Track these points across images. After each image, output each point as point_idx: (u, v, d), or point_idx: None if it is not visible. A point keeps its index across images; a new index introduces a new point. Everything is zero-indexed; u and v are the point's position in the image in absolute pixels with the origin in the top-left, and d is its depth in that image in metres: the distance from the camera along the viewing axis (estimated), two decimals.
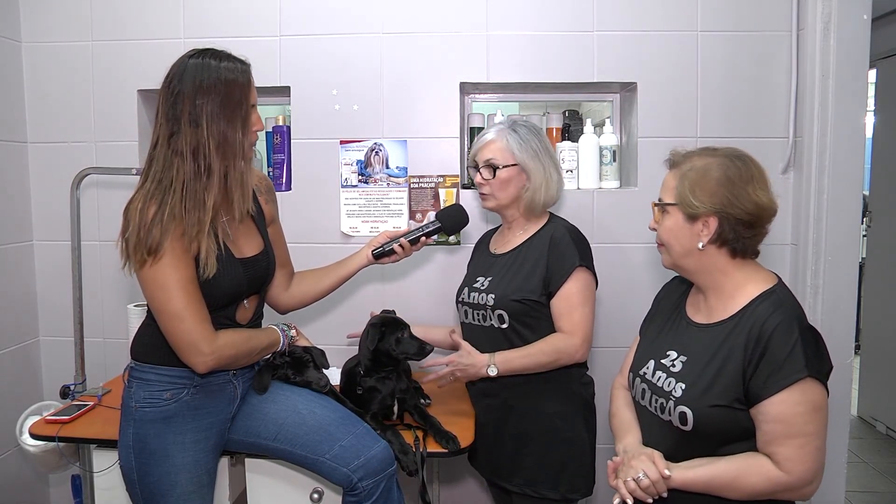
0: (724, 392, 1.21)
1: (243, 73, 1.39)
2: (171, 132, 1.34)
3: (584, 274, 1.66)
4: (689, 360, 1.29)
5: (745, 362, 1.20)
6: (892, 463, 3.27)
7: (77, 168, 2.07)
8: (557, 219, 1.76)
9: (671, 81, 2.16)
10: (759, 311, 1.22)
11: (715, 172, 1.24)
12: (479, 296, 1.72)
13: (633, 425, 1.40)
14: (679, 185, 1.28)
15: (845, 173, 2.03)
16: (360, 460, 1.48)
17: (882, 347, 3.67)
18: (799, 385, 1.15)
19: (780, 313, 1.19)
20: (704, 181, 1.25)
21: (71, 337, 2.10)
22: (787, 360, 1.15)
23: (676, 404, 1.25)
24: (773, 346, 1.17)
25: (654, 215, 1.35)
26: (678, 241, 1.29)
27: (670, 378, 1.29)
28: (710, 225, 1.25)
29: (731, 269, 1.28)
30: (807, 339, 1.17)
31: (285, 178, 2.28)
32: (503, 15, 2.18)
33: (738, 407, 1.20)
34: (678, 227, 1.29)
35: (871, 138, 3.67)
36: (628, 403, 1.45)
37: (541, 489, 1.67)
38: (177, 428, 1.43)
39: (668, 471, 1.20)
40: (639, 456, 1.24)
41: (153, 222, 1.31)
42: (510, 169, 1.69)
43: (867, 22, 2.01)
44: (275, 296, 1.70)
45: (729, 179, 1.24)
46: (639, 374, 1.39)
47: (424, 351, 1.70)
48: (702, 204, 1.24)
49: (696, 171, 1.26)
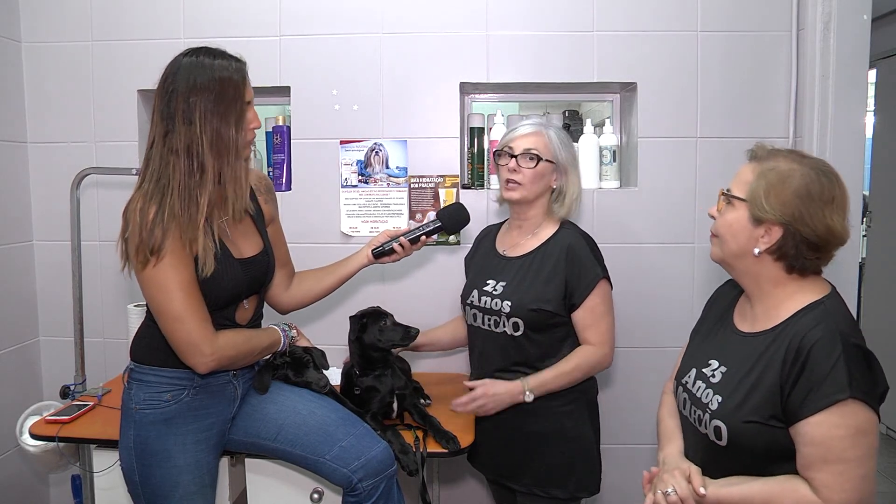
0: (760, 408, 1.14)
1: (238, 70, 1.39)
2: (166, 131, 1.34)
3: (605, 284, 1.67)
4: (728, 371, 1.23)
5: (782, 378, 1.12)
6: (892, 463, 3.27)
7: (77, 168, 2.07)
8: (569, 224, 1.75)
9: (671, 81, 2.16)
10: (802, 323, 1.14)
11: (796, 181, 1.15)
12: (491, 301, 1.70)
13: (675, 435, 1.34)
14: (755, 182, 1.19)
15: (845, 173, 1.97)
16: (361, 461, 1.48)
17: (882, 347, 3.64)
18: (839, 407, 1.07)
19: (823, 327, 1.12)
20: (782, 187, 1.15)
21: (71, 337, 2.10)
22: (827, 379, 1.07)
23: (712, 418, 1.20)
24: (812, 363, 1.09)
25: (718, 203, 1.27)
26: (735, 239, 1.22)
27: (709, 389, 1.24)
28: (773, 234, 1.17)
29: (784, 280, 1.20)
30: (851, 356, 1.09)
31: (285, 178, 2.28)
32: (503, 15, 2.18)
33: (776, 425, 1.13)
34: (740, 224, 1.20)
35: (871, 138, 3.67)
36: (673, 412, 1.39)
37: (549, 489, 1.67)
38: (177, 429, 1.43)
39: (703, 488, 1.15)
40: (672, 471, 1.20)
41: (154, 223, 1.31)
42: (549, 165, 1.69)
43: (867, 22, 2.01)
44: (275, 296, 1.70)
45: (809, 193, 1.14)
46: (681, 382, 1.34)
47: (410, 335, 1.70)
48: (772, 209, 1.15)
49: (777, 173, 1.17)
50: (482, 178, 2.27)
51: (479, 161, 2.27)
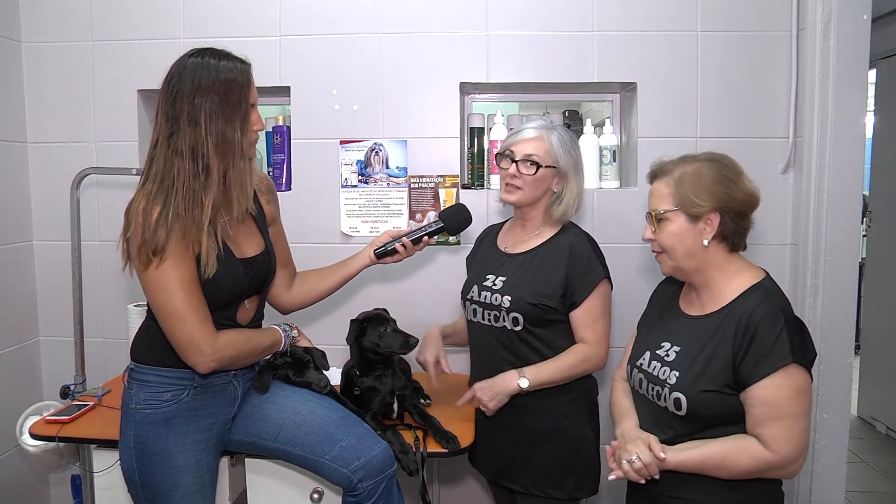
0: (716, 378, 1.29)
1: (243, 72, 1.39)
2: (170, 131, 1.34)
3: (606, 285, 1.67)
4: (682, 349, 1.37)
5: (734, 350, 1.28)
6: (892, 463, 3.27)
7: (77, 168, 2.06)
8: (572, 225, 1.75)
9: (671, 81, 2.16)
10: (747, 303, 1.30)
11: (707, 172, 1.33)
12: (492, 296, 1.70)
13: (631, 412, 1.47)
14: (677, 189, 1.35)
15: (845, 173, 2.03)
16: (361, 461, 1.48)
17: (882, 347, 3.67)
18: (784, 370, 1.23)
19: (766, 305, 1.28)
20: (701, 182, 1.33)
21: (71, 337, 2.10)
22: (773, 348, 1.24)
23: (671, 391, 1.33)
24: (760, 335, 1.25)
25: (651, 226, 1.40)
26: (682, 244, 1.35)
27: (665, 367, 1.37)
28: (713, 221, 1.33)
29: (725, 264, 1.36)
30: (791, 328, 1.26)
31: (285, 178, 2.28)
32: (503, 15, 2.18)
33: (729, 392, 1.28)
34: (682, 230, 1.35)
35: (871, 138, 3.67)
36: (627, 393, 1.52)
37: (548, 488, 1.67)
38: (178, 429, 1.43)
39: (663, 453, 1.27)
40: (634, 440, 1.32)
41: (158, 224, 1.31)
42: (549, 170, 1.68)
43: (867, 22, 2.01)
44: (277, 296, 1.70)
45: (723, 177, 1.33)
46: (636, 364, 1.46)
47: (409, 344, 1.69)
48: (704, 203, 1.32)
49: (690, 174, 1.34)
50: (482, 178, 2.27)
51: (479, 161, 2.27)
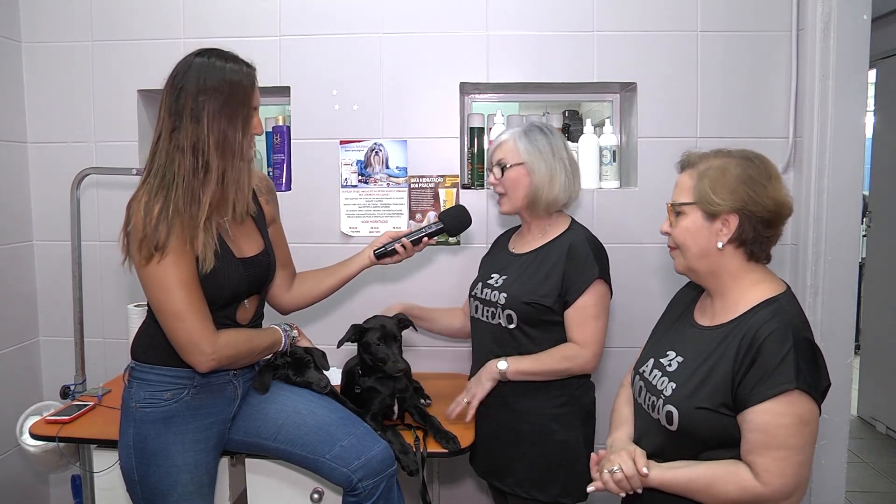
0: (712, 395, 1.19)
1: (248, 75, 1.40)
2: (173, 126, 1.35)
3: (602, 287, 1.66)
4: (685, 360, 1.28)
5: (735, 367, 1.18)
6: (892, 463, 3.27)
7: (77, 168, 2.06)
8: (578, 226, 1.75)
9: (671, 81, 2.16)
10: (757, 318, 1.20)
11: (735, 170, 1.23)
12: (491, 293, 1.72)
13: (626, 421, 1.41)
14: (698, 183, 1.25)
15: (845, 173, 2.03)
16: (361, 460, 1.48)
17: (882, 347, 3.67)
18: (786, 397, 1.12)
19: (776, 321, 1.17)
20: (725, 179, 1.23)
21: (71, 337, 2.10)
22: (776, 370, 1.13)
23: (665, 403, 1.25)
24: (764, 354, 1.15)
25: (668, 218, 1.33)
26: (695, 242, 1.27)
27: (664, 377, 1.29)
28: (731, 223, 1.23)
29: (742, 272, 1.26)
30: (801, 351, 1.14)
31: (285, 178, 2.28)
32: (503, 15, 2.18)
33: (726, 413, 1.18)
34: (696, 226, 1.26)
35: (871, 138, 3.67)
36: (628, 400, 1.45)
37: (532, 491, 1.67)
38: (177, 428, 1.43)
39: (645, 469, 1.21)
40: (619, 451, 1.26)
41: (159, 219, 1.31)
42: (518, 168, 1.69)
43: (867, 22, 2.01)
44: (276, 296, 1.70)
45: (749, 177, 1.22)
46: (639, 371, 1.39)
47: (396, 367, 1.65)
48: (723, 201, 1.22)
49: (715, 169, 1.24)
50: (482, 179, 2.27)
51: (479, 161, 2.27)
